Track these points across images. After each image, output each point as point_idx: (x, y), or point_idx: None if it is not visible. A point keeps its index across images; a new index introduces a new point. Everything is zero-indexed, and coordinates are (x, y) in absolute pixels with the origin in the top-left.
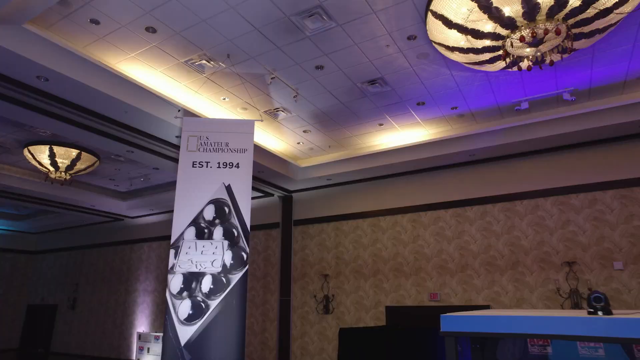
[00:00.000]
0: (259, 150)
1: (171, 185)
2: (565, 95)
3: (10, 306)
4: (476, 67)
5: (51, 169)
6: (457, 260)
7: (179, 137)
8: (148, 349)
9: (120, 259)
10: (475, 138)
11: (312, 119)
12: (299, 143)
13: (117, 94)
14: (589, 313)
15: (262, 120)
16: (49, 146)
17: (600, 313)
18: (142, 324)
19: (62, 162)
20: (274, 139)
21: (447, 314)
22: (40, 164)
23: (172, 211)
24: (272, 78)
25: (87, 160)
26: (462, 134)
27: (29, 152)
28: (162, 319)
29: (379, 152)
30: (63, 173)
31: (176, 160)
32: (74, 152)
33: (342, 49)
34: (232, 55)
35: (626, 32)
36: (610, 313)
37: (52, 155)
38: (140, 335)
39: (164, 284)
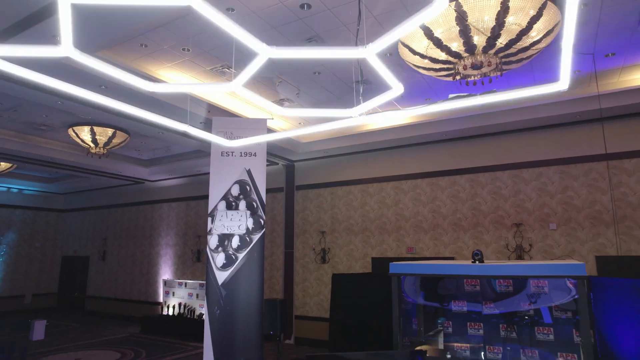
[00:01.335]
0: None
1: (189, 154)
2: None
3: (47, 257)
4: (439, 78)
5: (92, 145)
6: (430, 220)
7: (202, 122)
8: (173, 292)
9: (143, 217)
10: (446, 122)
11: (311, 106)
12: (300, 123)
13: (158, 95)
14: (472, 262)
15: (272, 119)
16: (90, 127)
17: (477, 262)
18: (166, 272)
19: (101, 139)
20: (280, 120)
21: (393, 262)
22: (82, 141)
23: (189, 176)
24: (279, 82)
25: (120, 136)
26: (436, 118)
27: (73, 131)
28: (184, 268)
29: (368, 132)
30: (101, 148)
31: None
32: (110, 131)
33: (335, 61)
34: (247, 64)
35: (552, 52)
36: (482, 262)
37: (92, 134)
38: (165, 282)
39: (184, 239)
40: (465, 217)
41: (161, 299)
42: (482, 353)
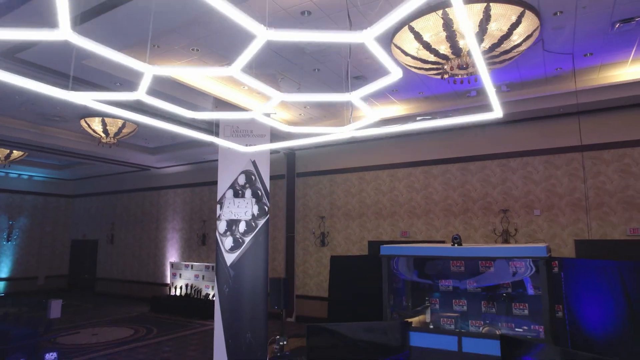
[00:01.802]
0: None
1: (195, 143)
2: (503, 87)
3: (58, 241)
4: (430, 76)
5: (103, 135)
6: (423, 206)
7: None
8: (180, 274)
9: (149, 202)
10: (437, 114)
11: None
12: (300, 114)
13: (166, 90)
14: (452, 245)
15: (275, 113)
16: (101, 118)
17: (456, 245)
18: (172, 255)
19: (111, 129)
20: (281, 111)
21: (384, 245)
22: (94, 131)
23: (194, 163)
24: (281, 78)
25: (130, 127)
26: (428, 111)
27: (85, 122)
28: (190, 251)
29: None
30: (112, 138)
31: (203, 130)
32: (120, 122)
33: (333, 60)
34: (252, 63)
35: (535, 50)
36: (460, 245)
37: (103, 124)
38: (172, 264)
39: (190, 223)
40: (456, 203)
41: (168, 281)
42: (459, 323)
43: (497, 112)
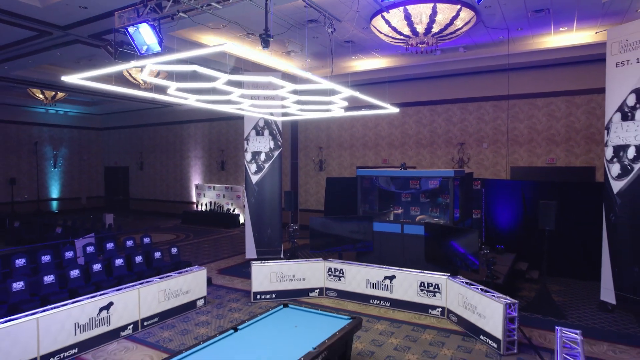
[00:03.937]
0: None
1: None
2: (461, 49)
3: (92, 167)
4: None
5: (142, 82)
6: (400, 139)
7: (231, 69)
8: (204, 194)
9: (173, 135)
10: (412, 67)
11: (311, 55)
12: (302, 65)
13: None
14: (399, 169)
15: (287, 71)
16: (140, 69)
17: (402, 169)
18: (196, 179)
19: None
20: (286, 63)
21: (360, 168)
22: (134, 79)
23: (212, 102)
24: (288, 42)
25: (163, 74)
26: (405, 64)
27: (127, 72)
28: (211, 175)
29: (355, 72)
30: (150, 84)
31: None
32: (155, 71)
33: (328, 31)
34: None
35: (479, 25)
36: (405, 169)
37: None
38: (197, 186)
39: (209, 152)
40: (425, 137)
41: (194, 199)
42: (403, 218)
43: (392, 109)
